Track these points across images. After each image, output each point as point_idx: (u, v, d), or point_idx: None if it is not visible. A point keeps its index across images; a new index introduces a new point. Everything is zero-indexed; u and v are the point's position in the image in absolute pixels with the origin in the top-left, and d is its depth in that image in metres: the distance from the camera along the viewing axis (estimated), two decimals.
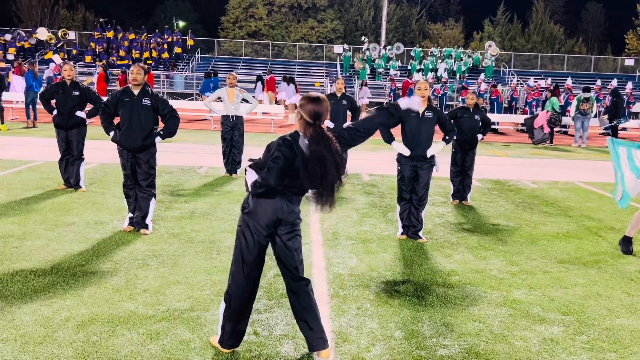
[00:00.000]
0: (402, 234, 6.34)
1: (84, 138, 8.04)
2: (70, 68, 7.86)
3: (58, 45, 31.74)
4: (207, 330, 3.84)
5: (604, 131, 19.08)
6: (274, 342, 3.73)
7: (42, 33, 32.38)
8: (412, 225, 6.29)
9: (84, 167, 8.13)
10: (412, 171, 6.20)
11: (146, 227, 6.11)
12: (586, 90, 17.84)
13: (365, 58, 33.18)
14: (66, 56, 30.42)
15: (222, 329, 3.54)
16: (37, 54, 31.60)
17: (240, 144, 9.77)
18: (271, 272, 5.01)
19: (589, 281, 5.16)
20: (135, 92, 5.92)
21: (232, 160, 9.77)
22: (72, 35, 34.41)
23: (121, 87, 21.79)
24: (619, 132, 18.48)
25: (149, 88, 6.00)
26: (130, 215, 6.18)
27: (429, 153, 6.14)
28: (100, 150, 11.18)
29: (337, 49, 36.57)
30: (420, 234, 6.27)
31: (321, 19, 51.01)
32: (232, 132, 9.69)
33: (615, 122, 18.33)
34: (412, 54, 34.78)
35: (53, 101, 8.01)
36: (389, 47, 35.43)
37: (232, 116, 9.62)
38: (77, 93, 7.83)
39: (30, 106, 16.07)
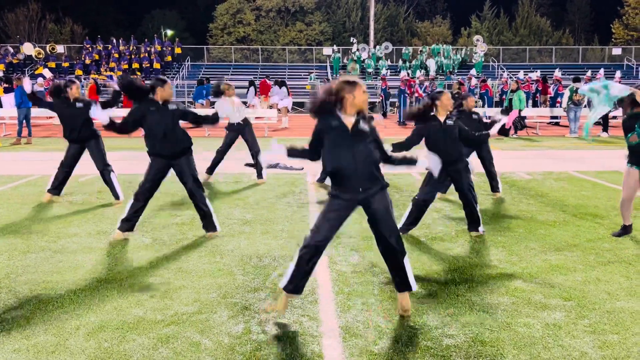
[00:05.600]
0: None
1: (102, 150, 7.96)
2: (77, 87, 7.86)
3: (43, 60, 31.64)
4: (217, 332, 3.90)
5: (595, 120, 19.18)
6: (282, 340, 3.79)
7: (29, 48, 32.29)
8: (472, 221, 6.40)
9: (115, 176, 8.07)
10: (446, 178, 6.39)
11: (214, 229, 6.29)
12: (576, 80, 18.02)
13: (355, 59, 33.29)
14: (54, 65, 30.32)
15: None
16: (26, 69, 31.55)
17: (253, 145, 9.72)
18: (275, 272, 5.07)
19: (588, 267, 5.25)
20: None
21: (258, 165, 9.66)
22: (60, 49, 34.41)
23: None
24: (610, 120, 18.59)
25: None
26: (123, 217, 6.15)
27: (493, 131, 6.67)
28: None
29: (327, 50, 36.68)
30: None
31: (309, 21, 51.16)
32: (242, 135, 9.72)
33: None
34: (402, 55, 34.91)
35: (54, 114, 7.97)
36: (377, 47, 35.56)
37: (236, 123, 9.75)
38: (80, 104, 7.87)
39: (25, 122, 15.96)
